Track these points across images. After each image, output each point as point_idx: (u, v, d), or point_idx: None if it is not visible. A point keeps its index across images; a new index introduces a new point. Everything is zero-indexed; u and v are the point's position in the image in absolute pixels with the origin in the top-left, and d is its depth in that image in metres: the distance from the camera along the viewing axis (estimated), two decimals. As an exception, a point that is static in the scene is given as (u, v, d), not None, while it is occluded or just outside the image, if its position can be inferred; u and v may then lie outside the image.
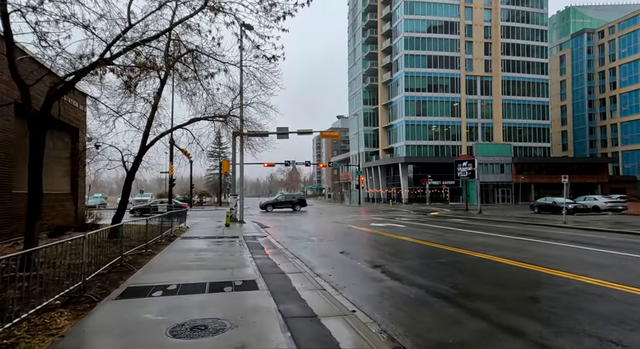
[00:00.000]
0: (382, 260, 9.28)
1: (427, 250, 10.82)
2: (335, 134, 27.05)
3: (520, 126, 61.73)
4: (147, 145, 13.28)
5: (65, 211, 15.33)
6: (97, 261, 7.61)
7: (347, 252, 10.67)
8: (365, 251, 11.04)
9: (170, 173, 26.93)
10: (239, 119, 15.65)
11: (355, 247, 11.79)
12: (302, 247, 12.09)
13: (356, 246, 12.13)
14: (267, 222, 23.68)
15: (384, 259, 9.48)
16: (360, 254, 10.42)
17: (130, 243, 10.31)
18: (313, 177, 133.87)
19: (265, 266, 8.28)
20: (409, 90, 59.02)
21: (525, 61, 61.65)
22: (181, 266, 8.09)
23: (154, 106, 13.08)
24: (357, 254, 10.30)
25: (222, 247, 11.34)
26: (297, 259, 9.70)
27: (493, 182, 57.00)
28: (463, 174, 31.60)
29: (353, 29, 75.63)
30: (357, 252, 10.67)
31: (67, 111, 14.83)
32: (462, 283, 6.82)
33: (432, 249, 10.95)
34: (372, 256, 10.07)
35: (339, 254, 10.40)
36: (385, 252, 10.59)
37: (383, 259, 9.49)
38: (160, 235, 12.34)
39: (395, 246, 12.03)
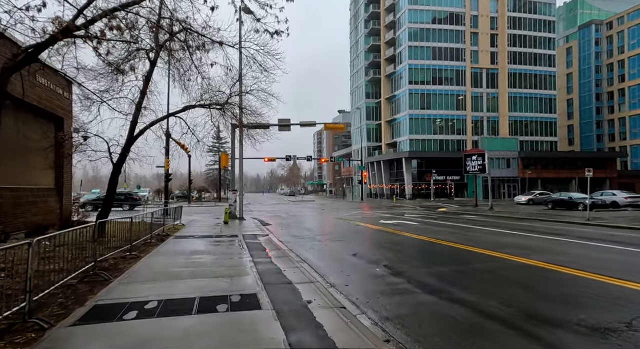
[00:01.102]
0: (404, 265, 7.97)
1: (453, 253, 9.50)
2: (340, 126, 25.71)
3: (527, 120, 60.25)
4: (135, 135, 11.96)
5: (49, 207, 14.00)
6: (68, 267, 6.34)
7: (360, 255, 9.37)
8: (381, 253, 9.74)
9: (166, 168, 25.59)
10: (238, 107, 14.27)
11: (368, 249, 10.49)
12: (309, 248, 10.80)
13: (370, 247, 10.83)
14: (269, 219, 22.41)
15: (407, 263, 8.17)
16: (376, 257, 9.11)
17: (113, 244, 9.04)
18: (314, 173, 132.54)
19: (268, 274, 6.99)
20: (413, 83, 57.52)
21: (532, 53, 60.04)
22: (169, 275, 6.79)
23: (143, 91, 11.75)
24: (373, 258, 9.00)
25: (219, 249, 10.04)
26: (305, 263, 8.41)
27: (499, 177, 55.66)
28: (473, 168, 30.24)
29: (355, 21, 73.90)
30: (372, 255, 9.36)
31: (50, 98, 13.50)
32: (518, 299, 5.46)
33: (459, 251, 9.63)
34: (391, 259, 8.77)
35: (351, 257, 9.11)
36: (405, 255, 9.30)
37: (405, 263, 8.18)
38: (150, 235, 11.04)
39: (414, 247, 10.73)
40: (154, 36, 11.57)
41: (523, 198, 38.07)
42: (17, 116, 12.08)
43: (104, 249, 8.64)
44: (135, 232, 10.76)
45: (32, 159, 13.12)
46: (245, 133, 16.53)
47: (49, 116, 13.75)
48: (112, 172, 11.68)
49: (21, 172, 12.50)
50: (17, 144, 12.26)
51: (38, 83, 12.82)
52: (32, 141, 12.67)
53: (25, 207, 12.53)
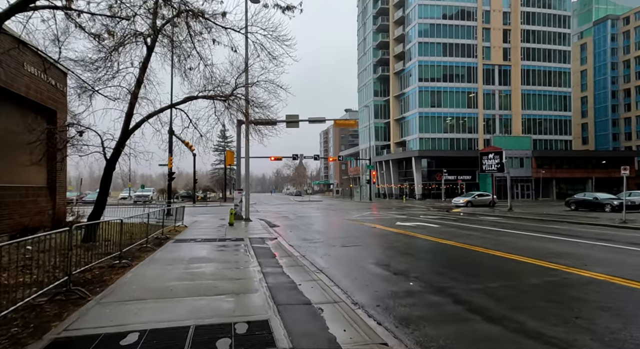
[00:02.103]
0: (441, 278, 6.71)
1: (495, 262, 8.19)
2: (351, 122, 24.44)
3: (541, 118, 58.48)
4: (130, 128, 10.81)
5: (39, 207, 12.90)
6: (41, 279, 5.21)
7: (384, 264, 8.12)
8: (408, 261, 8.48)
9: (169, 166, 24.53)
10: (243, 99, 13.06)
11: (392, 256, 9.23)
12: (323, 254, 9.57)
13: (393, 254, 9.57)
14: (275, 220, 21.22)
15: (443, 275, 6.90)
16: (404, 266, 7.85)
17: (103, 250, 7.91)
18: (320, 173, 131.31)
19: (280, 289, 5.77)
20: (422, 80, 56.03)
21: (546, 49, 58.24)
22: (160, 290, 5.60)
23: (139, 79, 10.59)
24: (400, 267, 7.74)
25: (222, 256, 8.85)
26: (321, 273, 7.20)
27: (512, 177, 53.91)
28: (489, 167, 28.81)
29: (363, 17, 72.50)
30: (398, 264, 8.10)
31: (40, 88, 12.42)
32: (621, 332, 4.18)
33: (500, 260, 8.32)
34: (422, 270, 7.50)
35: (374, 267, 7.86)
36: (437, 265, 8.03)
37: (441, 275, 6.91)
38: (145, 238, 9.88)
39: (445, 254, 9.44)
40: (151, 18, 10.42)
41: (461, 200, 33.97)
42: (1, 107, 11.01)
43: (92, 255, 7.52)
44: (130, 235, 9.64)
45: (19, 155, 12.00)
46: (251, 128, 15.34)
47: (39, 109, 12.66)
48: (104, 169, 10.55)
49: (7, 169, 11.41)
50: (2, 139, 11.19)
51: (26, 72, 11.74)
52: (19, 136, 11.55)
53: (12, 208, 11.44)
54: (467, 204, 32.39)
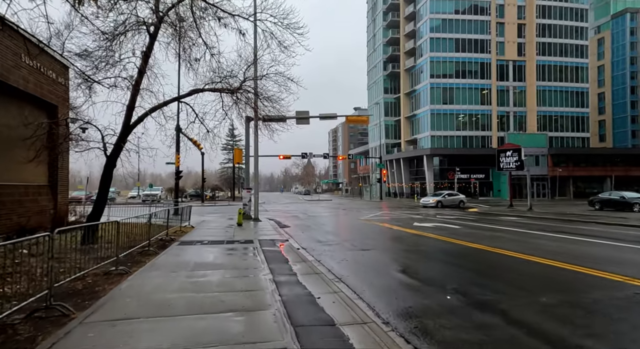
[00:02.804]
0: (481, 290, 5.81)
1: (540, 271, 7.22)
2: (363, 118, 23.52)
3: (557, 115, 56.73)
4: (132, 123, 10.09)
5: (39, 207, 12.29)
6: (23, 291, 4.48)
7: (411, 272, 7.24)
8: (436, 268, 7.59)
9: (176, 164, 23.93)
10: (252, 92, 12.24)
11: (417, 262, 8.34)
12: (340, 259, 8.72)
13: (418, 259, 8.67)
14: (285, 220, 20.43)
15: (483, 287, 6.00)
16: (433, 274, 6.97)
17: (98, 254, 7.20)
18: (329, 171, 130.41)
19: (297, 304, 4.94)
20: (434, 76, 54.72)
21: (562, 43, 56.44)
22: (157, 305, 4.81)
23: (141, 70, 9.85)
24: (430, 275, 6.86)
25: (230, 261, 8.06)
26: (341, 283, 6.36)
27: (525, 175, 52.46)
28: (507, 165, 27.63)
29: (373, 13, 71.32)
30: (426, 272, 7.22)
31: (39, 82, 11.78)
32: None
33: (547, 269, 7.33)
34: (457, 279, 6.61)
35: (400, 275, 6.98)
36: (473, 273, 7.11)
37: (481, 286, 6.01)
38: (147, 241, 9.14)
39: (477, 260, 8.51)
40: (154, 2, 9.67)
41: (430, 200, 31.52)
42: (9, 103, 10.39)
43: (88, 260, 6.81)
44: (134, 237, 8.90)
45: (18, 152, 11.34)
46: (261, 123, 14.55)
47: (38, 103, 12.03)
48: (104, 166, 9.84)
49: (5, 167, 10.79)
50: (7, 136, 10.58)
51: (24, 64, 11.10)
52: (17, 131, 10.90)
53: (10, 207, 10.82)
54: (438, 204, 30.32)
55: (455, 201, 31.43)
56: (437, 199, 31.27)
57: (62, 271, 6.34)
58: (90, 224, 8.08)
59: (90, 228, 8.71)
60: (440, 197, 31.65)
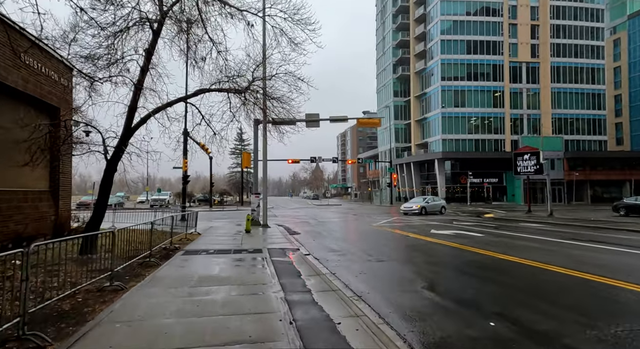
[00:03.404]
0: (532, 315, 4.97)
1: (594, 289, 6.34)
2: (375, 121, 22.76)
3: (572, 117, 55.24)
4: (134, 125, 9.48)
5: (39, 214, 11.76)
6: None
7: (441, 289, 6.43)
8: (469, 285, 6.76)
9: (184, 169, 23.40)
10: (261, 93, 11.57)
11: (445, 277, 7.52)
12: (358, 271, 7.94)
13: (444, 274, 7.85)
14: (295, 226, 19.70)
15: (534, 310, 5.16)
16: (468, 294, 6.15)
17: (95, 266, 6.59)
18: (337, 176, 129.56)
19: (314, 332, 4.19)
20: (445, 79, 53.76)
21: (578, 44, 55.07)
22: (151, 335, 4.09)
23: (143, 68, 9.26)
24: (465, 295, 6.04)
25: (237, 274, 7.34)
26: (362, 302, 5.62)
27: (542, 179, 50.93)
28: (525, 169, 26.59)
29: (382, 16, 70.74)
30: (458, 290, 6.40)
31: (39, 82, 11.29)
32: None
33: (599, 287, 6.42)
34: (497, 299, 5.78)
35: (428, 293, 6.18)
36: (515, 291, 6.26)
37: (531, 310, 5.17)
38: (149, 251, 8.47)
39: (516, 275, 7.63)
40: None
41: (413, 206, 27.68)
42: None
43: (83, 272, 6.19)
44: (136, 245, 8.25)
45: (16, 156, 10.81)
46: (270, 125, 13.89)
47: (39, 105, 11.53)
48: (104, 170, 9.23)
49: (2, 171, 10.27)
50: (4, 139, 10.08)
51: (23, 64, 10.62)
52: (15, 134, 10.38)
53: (6, 214, 10.28)
54: (422, 210, 26.90)
55: (437, 207, 28.60)
56: (420, 204, 27.62)
57: (51, 287, 5.72)
58: (85, 235, 7.44)
59: (89, 237, 8.10)
60: (423, 202, 28.19)
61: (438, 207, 28.70)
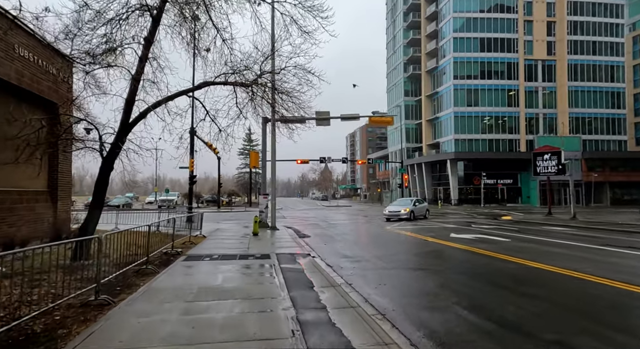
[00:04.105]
0: (595, 343, 4.06)
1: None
2: (387, 119, 21.85)
3: (590, 116, 53.48)
4: (131, 121, 8.75)
5: (35, 215, 11.13)
6: None
7: (477, 306, 5.52)
8: (510, 301, 5.83)
9: (190, 169, 22.75)
10: (269, 87, 10.75)
11: (479, 290, 6.60)
12: (377, 282, 7.08)
13: (477, 286, 6.93)
14: (304, 228, 18.89)
15: (600, 339, 4.24)
16: (512, 313, 5.24)
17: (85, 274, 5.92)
18: (346, 177, 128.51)
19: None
20: (458, 77, 52.49)
21: (596, 41, 53.32)
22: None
23: (142, 57, 8.52)
24: (509, 315, 5.13)
25: (241, 285, 6.53)
26: (387, 322, 4.75)
27: (558, 181, 49.29)
28: (545, 169, 25.37)
29: (392, 15, 69.66)
30: (499, 307, 5.49)
31: (36, 77, 10.66)
32: None
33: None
34: (549, 322, 4.86)
35: (463, 312, 5.28)
36: (567, 312, 5.31)
37: (594, 338, 4.25)
38: (146, 257, 7.71)
39: (560, 290, 6.67)
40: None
41: (401, 209, 23.09)
42: None
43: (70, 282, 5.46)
44: (134, 250, 7.52)
45: (10, 154, 10.17)
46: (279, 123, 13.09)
47: (35, 100, 10.88)
48: (100, 169, 8.51)
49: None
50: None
51: (17, 56, 9.99)
52: (9, 132, 9.73)
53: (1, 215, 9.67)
54: (410, 215, 22.70)
55: (423, 210, 25.23)
56: (408, 208, 23.27)
57: (29, 301, 4.99)
58: (75, 240, 6.72)
59: (82, 242, 7.38)
60: (411, 205, 23.86)
61: (424, 210, 25.39)
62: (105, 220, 17.55)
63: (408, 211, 22.88)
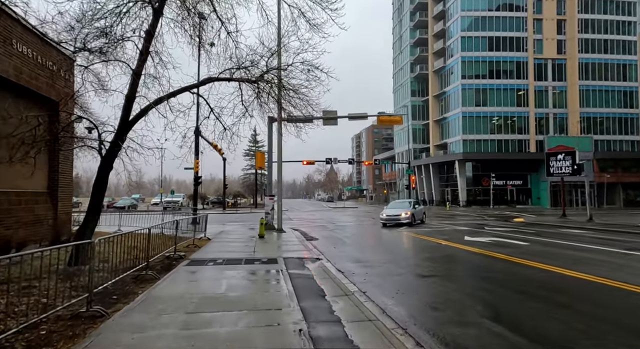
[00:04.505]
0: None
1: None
2: (397, 118, 21.29)
3: (602, 116, 52.36)
4: (131, 118, 8.31)
5: (34, 217, 10.74)
6: None
7: (510, 321, 4.96)
8: (544, 313, 5.26)
9: (195, 169, 22.38)
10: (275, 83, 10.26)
11: (506, 299, 6.04)
12: (394, 290, 6.56)
13: (504, 295, 6.36)
14: (312, 230, 18.39)
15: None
16: (548, 327, 4.68)
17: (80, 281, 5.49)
18: (352, 178, 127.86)
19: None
20: (466, 77, 51.71)
21: (607, 39, 52.23)
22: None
23: (143, 51, 8.09)
24: (545, 329, 4.57)
25: (247, 294, 6.04)
26: (410, 338, 4.22)
27: (569, 182, 48.22)
28: (559, 170, 24.59)
29: (399, 14, 69.04)
30: (531, 319, 4.92)
31: (35, 74, 10.29)
32: None
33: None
34: (594, 339, 4.30)
35: (494, 326, 4.73)
36: (617, 327, 4.73)
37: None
38: (146, 262, 7.24)
39: (598, 302, 6.11)
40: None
41: (402, 212, 19.95)
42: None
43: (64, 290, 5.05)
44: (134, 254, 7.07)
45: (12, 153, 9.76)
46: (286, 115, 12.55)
47: (35, 98, 10.51)
48: (98, 169, 8.08)
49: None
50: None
51: (16, 52, 9.62)
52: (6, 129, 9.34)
53: (-1, 217, 9.28)
54: (412, 218, 19.88)
55: (421, 213, 22.54)
56: (409, 211, 20.16)
57: (17, 312, 4.54)
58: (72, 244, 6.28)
59: (79, 246, 6.94)
60: (410, 207, 20.87)
61: (421, 213, 22.72)
62: (108, 222, 17.28)
63: (409, 214, 19.74)
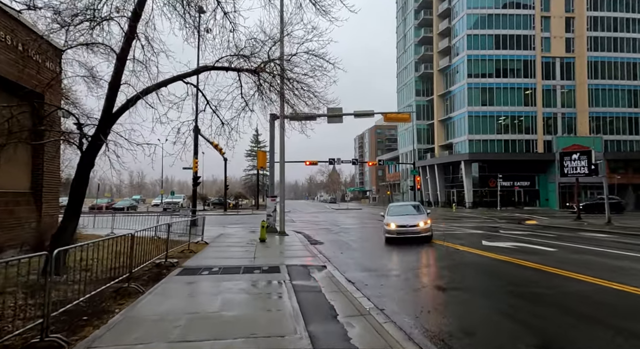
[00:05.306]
0: None
1: None
2: (404, 116, 20.33)
3: (611, 116, 51.13)
4: (116, 111, 7.37)
5: (16, 220, 9.81)
6: None
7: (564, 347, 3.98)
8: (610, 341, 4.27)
9: (194, 169, 21.49)
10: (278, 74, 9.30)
11: (551, 320, 5.05)
12: (416, 307, 5.58)
13: (546, 314, 5.37)
14: (316, 233, 17.43)
15: None
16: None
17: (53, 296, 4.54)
18: (355, 179, 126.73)
19: None
20: (472, 76, 50.61)
21: (617, 38, 51.03)
22: None
23: (128, 33, 7.14)
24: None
25: (244, 312, 5.07)
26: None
27: (580, 183, 47.14)
28: (573, 170, 23.56)
29: (403, 13, 68.05)
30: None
31: (14, 62, 9.36)
32: None
33: None
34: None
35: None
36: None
37: None
38: (128, 273, 6.29)
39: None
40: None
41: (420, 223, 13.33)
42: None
43: (26, 310, 4.16)
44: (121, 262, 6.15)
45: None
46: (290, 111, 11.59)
47: (16, 90, 9.59)
48: (77, 165, 7.15)
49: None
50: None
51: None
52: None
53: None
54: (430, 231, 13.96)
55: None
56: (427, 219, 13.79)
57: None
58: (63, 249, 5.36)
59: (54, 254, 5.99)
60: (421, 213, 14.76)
61: None
62: (102, 224, 16.35)
63: (429, 224, 13.60)
